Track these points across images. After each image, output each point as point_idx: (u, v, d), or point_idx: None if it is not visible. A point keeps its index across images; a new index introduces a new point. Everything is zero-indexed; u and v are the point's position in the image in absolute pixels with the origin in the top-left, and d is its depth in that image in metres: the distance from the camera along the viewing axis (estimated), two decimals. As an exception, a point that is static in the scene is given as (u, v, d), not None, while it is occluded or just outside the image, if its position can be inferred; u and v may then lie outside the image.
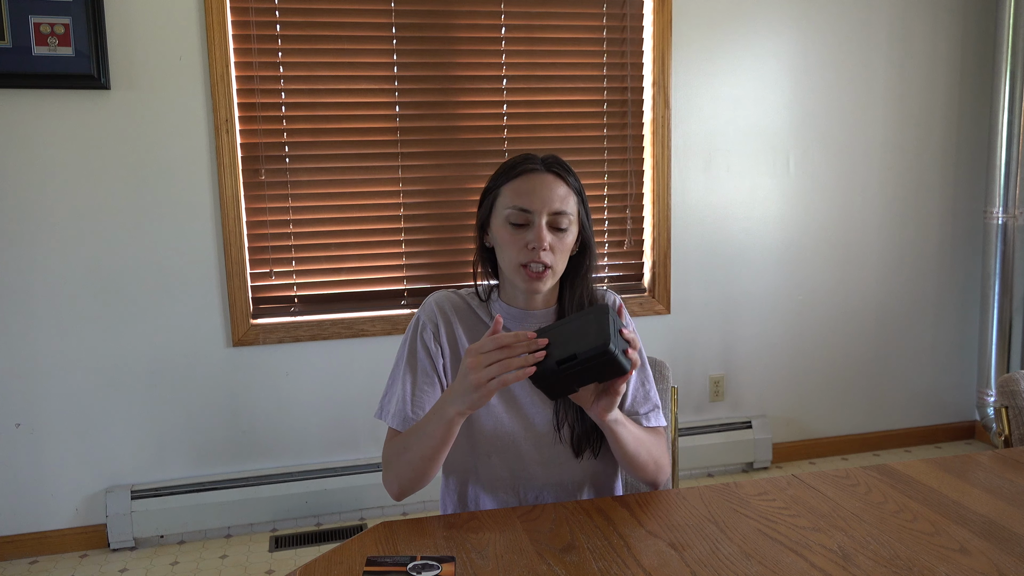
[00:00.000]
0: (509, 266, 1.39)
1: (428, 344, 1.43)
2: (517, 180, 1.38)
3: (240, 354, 2.89)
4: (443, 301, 1.46)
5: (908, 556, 1.15)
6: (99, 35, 2.61)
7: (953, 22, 3.42)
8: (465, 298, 1.48)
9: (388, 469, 1.38)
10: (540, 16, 3.01)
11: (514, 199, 1.37)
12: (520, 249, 1.36)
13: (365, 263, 2.99)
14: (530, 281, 1.37)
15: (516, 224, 1.37)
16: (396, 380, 1.44)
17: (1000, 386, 1.72)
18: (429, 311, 1.45)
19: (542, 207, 1.36)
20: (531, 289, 1.39)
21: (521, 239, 1.36)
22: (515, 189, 1.38)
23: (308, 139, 2.88)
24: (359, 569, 1.13)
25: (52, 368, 2.74)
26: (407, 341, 1.45)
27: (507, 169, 1.41)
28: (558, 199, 1.37)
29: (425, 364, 1.42)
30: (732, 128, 3.25)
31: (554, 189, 1.37)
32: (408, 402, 1.40)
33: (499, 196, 1.40)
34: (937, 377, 3.65)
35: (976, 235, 3.57)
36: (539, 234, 1.35)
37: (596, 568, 1.13)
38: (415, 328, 1.45)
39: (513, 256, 1.37)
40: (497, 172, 1.43)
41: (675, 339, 3.28)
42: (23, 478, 2.76)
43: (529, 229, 1.36)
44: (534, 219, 1.36)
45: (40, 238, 2.68)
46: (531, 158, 1.40)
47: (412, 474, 1.33)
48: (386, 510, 3.03)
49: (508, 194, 1.38)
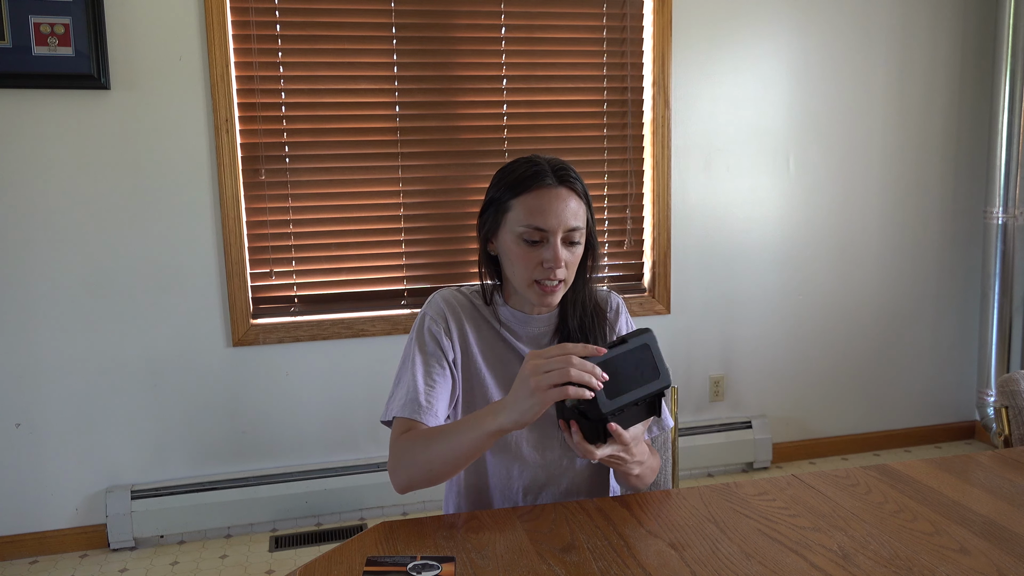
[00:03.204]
0: (521, 281, 1.37)
1: (439, 338, 1.39)
2: (530, 196, 1.33)
3: (240, 354, 2.89)
4: (450, 298, 1.44)
5: (908, 556, 1.15)
6: (99, 35, 2.61)
7: (953, 22, 3.42)
8: (469, 297, 1.46)
9: (399, 462, 1.29)
10: (540, 16, 3.01)
11: (528, 218, 1.32)
12: (535, 267, 1.34)
13: (365, 263, 2.99)
14: (544, 296, 1.36)
15: (529, 242, 1.34)
16: (404, 376, 1.38)
17: (1000, 386, 1.72)
18: (436, 307, 1.42)
19: (558, 226, 1.32)
20: (544, 303, 1.38)
21: (536, 257, 1.33)
22: (529, 207, 1.33)
23: (308, 139, 2.88)
24: (359, 569, 1.13)
25: (52, 368, 2.74)
26: (414, 337, 1.41)
27: (517, 181, 1.34)
28: (572, 215, 1.33)
29: (437, 355, 1.38)
30: (732, 128, 3.25)
31: (568, 205, 1.33)
32: (420, 391, 1.34)
33: (510, 211, 1.35)
34: (937, 377, 3.65)
35: (976, 235, 3.57)
36: (556, 254, 1.32)
37: (596, 568, 1.13)
38: (422, 324, 1.41)
39: (526, 273, 1.35)
40: (504, 181, 1.36)
41: (675, 339, 3.28)
42: (23, 478, 2.76)
43: (544, 247, 1.33)
44: (549, 238, 1.32)
45: (40, 238, 2.68)
46: (541, 170, 1.34)
47: (427, 476, 1.27)
48: (386, 510, 3.03)
49: (521, 211, 1.33)
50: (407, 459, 1.28)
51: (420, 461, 1.26)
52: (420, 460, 1.26)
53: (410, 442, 1.29)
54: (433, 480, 1.27)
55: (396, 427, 1.35)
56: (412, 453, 1.27)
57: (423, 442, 1.27)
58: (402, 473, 1.28)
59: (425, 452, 1.26)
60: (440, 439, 1.25)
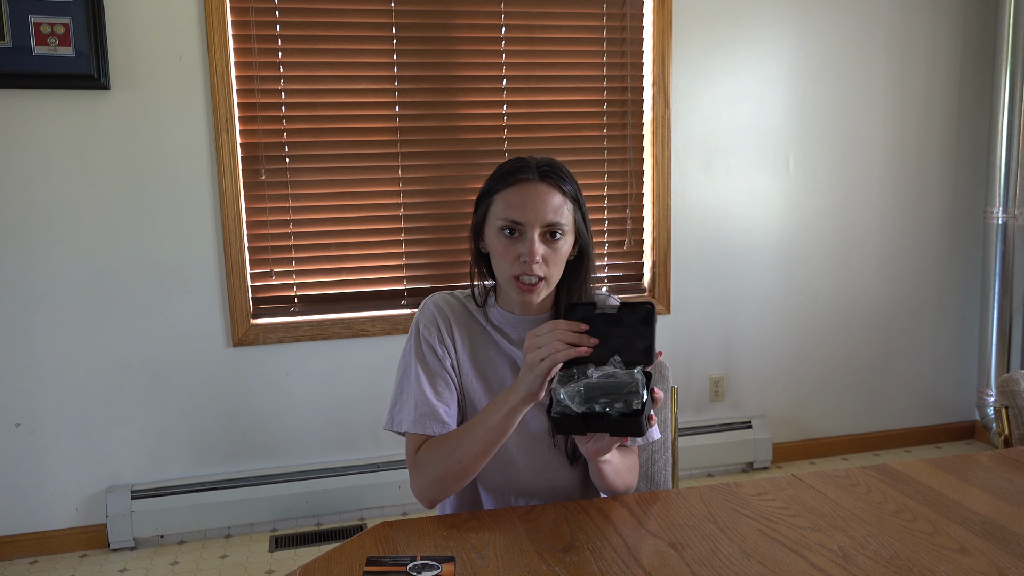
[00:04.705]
0: (502, 277, 1.37)
1: (434, 346, 1.41)
2: (510, 190, 1.34)
3: (240, 354, 2.89)
4: (441, 303, 1.44)
5: (908, 556, 1.15)
6: (99, 35, 2.61)
7: (953, 22, 3.42)
8: (462, 300, 1.46)
9: (426, 472, 1.33)
10: (540, 16, 3.01)
11: (506, 210, 1.33)
12: (512, 261, 1.33)
13: (365, 263, 2.99)
14: (523, 294, 1.35)
15: (508, 235, 1.34)
16: (407, 386, 1.40)
17: (1000, 386, 1.72)
18: (429, 315, 1.43)
19: (535, 219, 1.32)
20: (524, 301, 1.37)
21: (513, 251, 1.33)
22: (507, 199, 1.33)
23: (308, 139, 2.88)
24: (359, 569, 1.13)
25: (52, 368, 2.74)
26: (411, 347, 1.42)
27: (501, 175, 1.36)
28: (552, 210, 1.32)
29: (436, 365, 1.40)
30: (732, 128, 3.25)
31: (548, 200, 1.33)
32: (432, 403, 1.37)
33: (492, 204, 1.36)
34: (937, 377, 3.65)
35: (976, 235, 3.57)
36: (531, 248, 1.31)
37: (596, 568, 1.13)
38: (417, 333, 1.42)
39: (506, 268, 1.34)
40: (492, 176, 1.38)
41: (675, 339, 3.28)
42: (23, 478, 2.76)
43: (521, 241, 1.33)
44: (527, 231, 1.32)
45: (40, 238, 2.68)
46: (525, 165, 1.35)
47: (459, 473, 1.31)
48: (386, 510, 3.03)
49: (500, 204, 1.34)
50: (437, 463, 1.32)
51: (452, 459, 1.31)
52: (453, 458, 1.31)
53: (435, 448, 1.34)
54: (464, 477, 1.32)
55: (411, 443, 1.38)
56: (441, 455, 1.32)
57: (451, 442, 1.32)
58: (433, 482, 1.33)
59: (456, 450, 1.31)
60: (466, 434, 1.31)
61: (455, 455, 1.30)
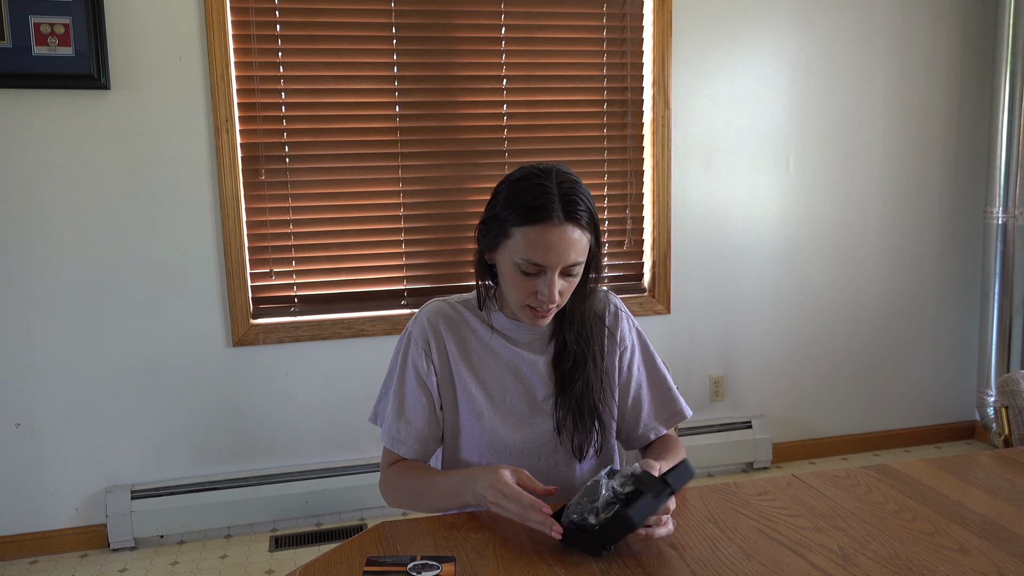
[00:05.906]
0: (514, 302, 1.36)
1: (419, 366, 1.42)
2: (532, 229, 1.27)
3: (240, 354, 2.89)
4: (435, 316, 1.43)
5: (908, 556, 1.15)
6: (99, 35, 2.61)
7: (953, 22, 3.42)
8: (458, 307, 1.45)
9: (388, 492, 1.42)
10: (540, 16, 3.01)
11: (528, 252, 1.28)
12: (529, 294, 1.32)
13: (365, 263, 2.99)
14: (535, 319, 1.35)
15: (525, 273, 1.31)
16: (389, 392, 1.45)
17: (1000, 386, 1.72)
18: (420, 328, 1.43)
19: (557, 263, 1.29)
20: (535, 325, 1.38)
21: (531, 286, 1.31)
22: (530, 240, 1.28)
23: (308, 139, 2.88)
24: (359, 569, 1.13)
25: (52, 368, 2.74)
26: (399, 358, 1.44)
27: (524, 209, 1.28)
28: (575, 251, 1.29)
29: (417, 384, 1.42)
30: (732, 128, 3.25)
31: (572, 244, 1.28)
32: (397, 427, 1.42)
33: (511, 237, 1.30)
34: (937, 377, 3.65)
35: (976, 235, 3.57)
36: (551, 290, 1.30)
37: (596, 568, 1.13)
38: (406, 346, 1.44)
39: (520, 298, 1.34)
40: (511, 203, 1.30)
41: (675, 339, 3.28)
42: (23, 478, 2.76)
43: (540, 279, 1.30)
44: (547, 272, 1.30)
45: (40, 238, 2.68)
46: (550, 202, 1.27)
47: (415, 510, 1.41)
48: (386, 510, 3.03)
49: (522, 242, 1.28)
50: (400, 495, 1.41)
51: (411, 503, 1.41)
52: (411, 503, 1.40)
53: (397, 480, 1.41)
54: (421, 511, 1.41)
55: (384, 456, 1.46)
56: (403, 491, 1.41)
57: (413, 486, 1.39)
58: (395, 504, 1.43)
59: (416, 499, 1.39)
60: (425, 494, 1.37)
61: (413, 502, 1.39)
